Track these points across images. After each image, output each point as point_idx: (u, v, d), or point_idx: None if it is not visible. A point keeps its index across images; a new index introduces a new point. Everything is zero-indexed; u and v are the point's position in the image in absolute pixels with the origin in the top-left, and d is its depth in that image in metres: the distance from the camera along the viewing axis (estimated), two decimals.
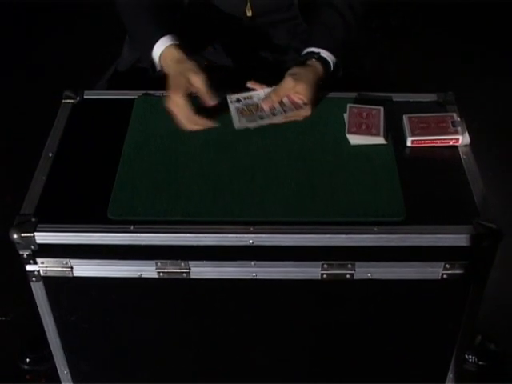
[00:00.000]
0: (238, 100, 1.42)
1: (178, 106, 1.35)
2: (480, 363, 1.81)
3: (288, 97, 1.41)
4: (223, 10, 1.56)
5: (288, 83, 1.40)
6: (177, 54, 1.40)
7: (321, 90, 1.44)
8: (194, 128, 1.36)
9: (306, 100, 1.39)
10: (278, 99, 1.41)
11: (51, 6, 3.01)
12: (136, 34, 1.53)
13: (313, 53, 1.45)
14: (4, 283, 1.98)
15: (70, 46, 2.97)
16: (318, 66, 1.44)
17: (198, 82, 1.35)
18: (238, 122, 1.37)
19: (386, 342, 1.37)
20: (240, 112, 1.39)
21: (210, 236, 1.20)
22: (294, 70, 1.43)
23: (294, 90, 1.40)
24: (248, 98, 1.43)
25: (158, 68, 1.44)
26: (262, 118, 1.38)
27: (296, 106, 1.39)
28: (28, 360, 1.83)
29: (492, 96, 2.67)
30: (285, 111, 1.39)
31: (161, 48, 1.41)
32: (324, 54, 1.45)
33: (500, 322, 1.91)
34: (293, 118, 1.39)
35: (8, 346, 1.88)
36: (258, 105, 1.41)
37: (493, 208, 1.24)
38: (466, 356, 1.80)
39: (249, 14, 1.55)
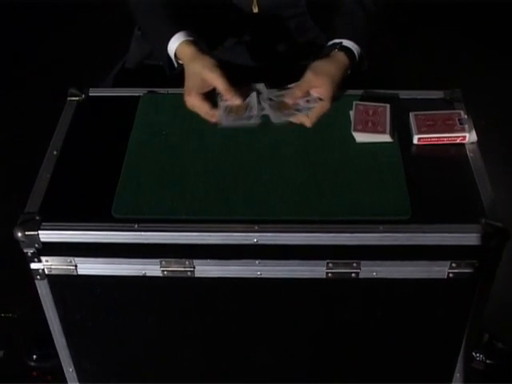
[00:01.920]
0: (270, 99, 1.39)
1: (195, 107, 1.34)
2: (488, 362, 1.81)
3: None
4: (229, 6, 1.56)
5: (308, 77, 1.37)
6: (190, 50, 1.38)
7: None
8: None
9: (324, 94, 1.35)
10: (301, 94, 1.37)
11: (58, 1, 3.02)
12: (150, 31, 1.52)
13: (335, 43, 1.42)
14: (11, 280, 1.98)
15: (77, 43, 2.98)
16: (341, 55, 1.40)
17: (214, 80, 1.34)
18: (277, 118, 1.34)
19: (391, 341, 1.36)
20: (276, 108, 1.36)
21: (214, 234, 1.19)
22: (316, 63, 1.40)
23: (313, 84, 1.36)
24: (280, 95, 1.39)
25: (176, 65, 1.43)
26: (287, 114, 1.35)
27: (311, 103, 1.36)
28: (35, 357, 1.84)
29: (499, 94, 2.66)
30: (302, 109, 1.35)
31: (175, 44, 1.40)
32: (346, 43, 1.41)
33: (508, 320, 1.90)
34: (314, 115, 1.36)
35: (15, 343, 1.89)
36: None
37: (500, 206, 1.23)
38: (474, 354, 1.79)
39: (255, 10, 1.54)
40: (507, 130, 2.51)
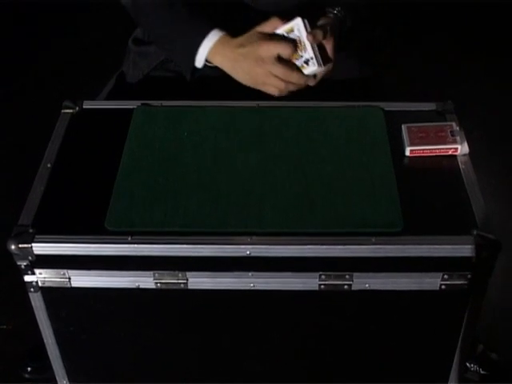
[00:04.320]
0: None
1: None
2: (482, 372, 1.81)
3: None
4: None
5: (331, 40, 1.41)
6: (232, 41, 1.40)
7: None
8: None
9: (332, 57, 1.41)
10: (317, 42, 1.39)
11: (55, 13, 3.03)
12: (172, 34, 1.48)
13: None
14: (5, 292, 1.98)
15: (73, 55, 2.99)
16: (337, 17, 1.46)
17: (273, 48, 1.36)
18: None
19: (384, 353, 1.36)
20: None
21: (207, 247, 1.20)
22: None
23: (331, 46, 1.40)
24: (290, 31, 1.39)
25: (200, 65, 1.44)
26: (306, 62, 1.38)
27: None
28: (29, 369, 1.83)
29: (492, 104, 2.67)
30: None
31: (212, 41, 1.41)
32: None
33: (502, 331, 1.91)
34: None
35: (9, 354, 1.89)
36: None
37: (492, 217, 1.24)
38: (468, 365, 1.79)
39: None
40: (499, 140, 2.51)
